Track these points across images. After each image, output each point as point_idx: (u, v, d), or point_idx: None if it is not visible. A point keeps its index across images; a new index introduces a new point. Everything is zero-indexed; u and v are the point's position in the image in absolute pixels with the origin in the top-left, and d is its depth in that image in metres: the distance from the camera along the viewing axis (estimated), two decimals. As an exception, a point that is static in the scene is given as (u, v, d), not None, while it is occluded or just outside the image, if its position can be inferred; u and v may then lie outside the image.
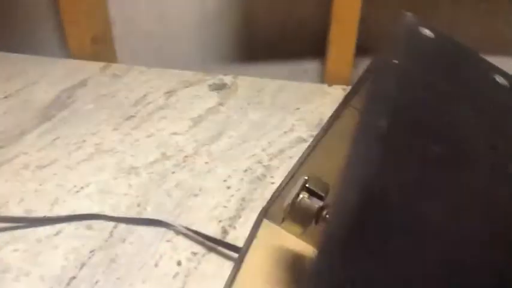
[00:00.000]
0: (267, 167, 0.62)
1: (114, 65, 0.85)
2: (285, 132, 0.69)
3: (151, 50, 0.96)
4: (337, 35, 0.81)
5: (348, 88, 0.79)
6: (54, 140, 0.66)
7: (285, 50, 0.94)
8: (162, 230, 0.51)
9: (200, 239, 0.50)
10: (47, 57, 0.87)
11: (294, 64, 0.94)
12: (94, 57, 0.87)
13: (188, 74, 0.84)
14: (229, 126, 0.70)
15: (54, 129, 0.68)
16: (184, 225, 0.51)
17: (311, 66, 0.94)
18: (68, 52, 0.90)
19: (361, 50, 0.87)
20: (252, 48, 0.95)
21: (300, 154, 0.64)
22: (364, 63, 0.91)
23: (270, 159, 0.63)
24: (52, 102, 0.74)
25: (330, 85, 0.82)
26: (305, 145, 0.66)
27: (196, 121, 0.71)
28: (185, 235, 0.51)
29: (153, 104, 0.75)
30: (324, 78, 0.86)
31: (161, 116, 0.72)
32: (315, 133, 0.68)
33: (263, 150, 0.65)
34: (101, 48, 0.90)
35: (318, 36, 0.89)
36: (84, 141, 0.65)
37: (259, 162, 0.63)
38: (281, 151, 0.65)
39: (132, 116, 0.71)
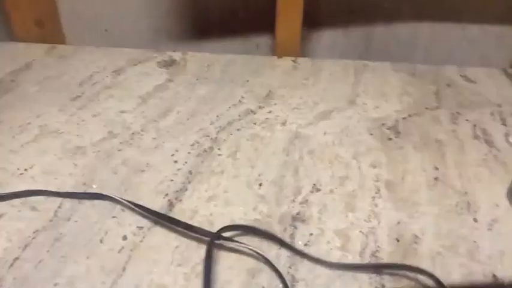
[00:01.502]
0: (214, 140, 0.62)
1: (60, 46, 0.84)
2: (234, 105, 0.69)
3: (100, 31, 0.94)
4: (284, 7, 0.80)
5: (298, 59, 0.80)
6: (-2, 124, 0.64)
7: (237, 26, 0.93)
8: (108, 207, 0.51)
9: (145, 213, 0.50)
10: (-11, 41, 0.85)
11: (246, 39, 0.94)
12: (40, 40, 0.85)
13: (137, 52, 0.83)
14: (177, 102, 0.70)
15: (-3, 113, 0.67)
16: (130, 200, 0.52)
17: (263, 40, 0.94)
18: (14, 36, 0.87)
19: (311, 20, 0.87)
20: (203, 25, 0.94)
21: (248, 126, 0.65)
22: (314, 34, 0.92)
23: (218, 132, 0.63)
24: (-5, 86, 0.72)
25: (279, 57, 0.83)
26: (253, 117, 0.67)
27: (145, 98, 0.71)
28: (131, 210, 0.51)
29: (100, 83, 0.74)
30: (275, 52, 0.87)
31: (108, 95, 0.71)
32: (263, 105, 0.69)
33: (211, 123, 0.65)
34: (47, 30, 0.88)
35: (269, 10, 0.89)
36: (29, 123, 0.64)
37: (207, 135, 0.63)
38: (229, 123, 0.65)
39: (78, 97, 0.70)
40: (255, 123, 0.65)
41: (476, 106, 0.70)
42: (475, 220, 0.51)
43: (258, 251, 0.46)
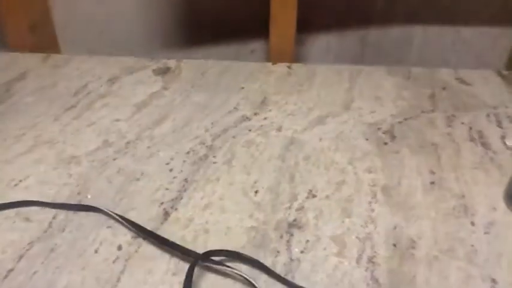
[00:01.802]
0: (210, 147, 0.62)
1: (54, 56, 0.84)
2: (229, 112, 0.69)
3: (94, 35, 0.94)
4: (277, 13, 0.81)
5: (292, 65, 0.80)
6: (-8, 134, 0.64)
7: (232, 31, 0.94)
8: (103, 217, 0.51)
9: (133, 229, 0.49)
10: (-16, 52, 0.85)
11: (241, 45, 0.94)
12: (34, 46, 0.85)
13: (131, 61, 0.83)
14: (172, 110, 0.70)
15: (-8, 124, 0.66)
16: (125, 209, 0.51)
17: (258, 46, 0.94)
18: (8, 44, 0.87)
19: (305, 24, 0.87)
20: (197, 30, 0.94)
21: (243, 132, 0.65)
22: (308, 39, 0.92)
23: (213, 140, 0.63)
24: (-11, 97, 0.72)
25: (274, 63, 0.83)
26: (248, 123, 0.67)
27: (140, 106, 0.70)
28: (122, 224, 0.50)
29: (94, 92, 0.73)
30: (269, 57, 0.87)
31: (103, 104, 0.71)
32: (258, 111, 0.69)
33: (206, 131, 0.65)
34: (41, 37, 0.88)
35: (264, 15, 0.89)
36: (23, 134, 0.64)
37: (202, 143, 0.63)
38: (224, 131, 0.65)
39: (72, 106, 0.70)
40: (250, 130, 0.65)
41: (471, 108, 0.70)
42: (472, 223, 0.51)
43: (245, 276, 0.44)
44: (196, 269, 0.44)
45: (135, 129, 0.65)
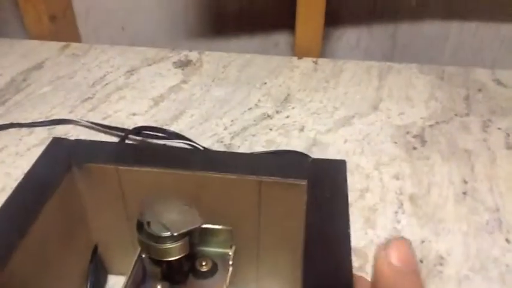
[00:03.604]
0: (228, 146, 0.59)
1: (73, 45, 0.81)
2: (250, 109, 0.66)
3: (115, 28, 0.92)
4: (305, 3, 0.77)
5: (318, 60, 0.76)
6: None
7: (256, 23, 0.90)
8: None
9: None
10: (4, 39, 0.83)
11: (265, 37, 0.91)
12: (54, 36, 0.84)
13: (152, 52, 0.80)
14: (191, 105, 0.67)
15: (7, 113, 0.65)
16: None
17: (282, 38, 0.90)
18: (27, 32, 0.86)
19: (333, 17, 0.83)
20: (221, 22, 0.91)
21: (263, 131, 0.62)
22: (336, 33, 0.88)
23: (232, 138, 0.60)
24: (6, 85, 0.71)
25: (299, 58, 0.79)
26: (270, 122, 0.63)
27: (157, 100, 0.68)
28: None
29: (112, 83, 0.71)
30: (295, 51, 0.83)
31: (120, 97, 0.68)
32: (280, 109, 0.66)
33: (225, 128, 0.62)
34: (61, 27, 0.86)
35: (289, 6, 0.85)
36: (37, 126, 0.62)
37: (220, 141, 0.60)
38: (244, 129, 0.62)
39: (89, 98, 0.68)
40: (271, 129, 0.62)
41: (509, 113, 0.65)
42: (507, 240, 0.47)
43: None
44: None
45: (151, 124, 0.63)
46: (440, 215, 0.50)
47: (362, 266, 0.44)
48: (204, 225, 0.33)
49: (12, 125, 0.62)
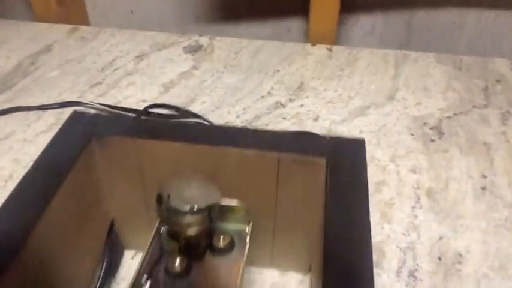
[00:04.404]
0: (240, 136, 0.57)
1: (82, 28, 0.80)
2: (262, 97, 0.64)
3: (125, 12, 0.90)
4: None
5: (333, 47, 0.74)
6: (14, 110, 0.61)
7: (268, 7, 0.88)
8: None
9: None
10: (12, 21, 0.82)
11: (277, 23, 0.89)
12: (62, 19, 0.82)
13: (162, 36, 0.78)
14: (202, 92, 0.65)
15: (14, 98, 0.63)
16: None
17: (296, 24, 0.88)
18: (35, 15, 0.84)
19: (347, 2, 0.81)
20: (231, 6, 0.89)
21: (276, 120, 0.60)
22: (350, 19, 0.86)
23: (245, 127, 0.59)
24: (14, 69, 0.69)
25: (313, 44, 0.77)
26: (283, 111, 0.62)
27: (168, 86, 0.66)
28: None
29: (121, 69, 0.70)
30: (308, 37, 0.81)
31: (130, 82, 0.67)
32: (293, 97, 0.64)
33: (237, 117, 0.61)
34: (69, 9, 0.84)
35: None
36: (45, 110, 0.61)
37: (232, 130, 0.58)
38: (257, 117, 0.60)
39: (98, 83, 0.66)
40: (284, 118, 0.60)
41: (529, 105, 0.64)
42: (528, 238, 0.46)
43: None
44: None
45: (161, 111, 0.61)
46: (459, 210, 0.48)
47: (378, 262, 0.43)
48: (222, 202, 0.33)
49: (19, 109, 0.61)
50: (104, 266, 0.40)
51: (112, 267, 0.41)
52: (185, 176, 0.32)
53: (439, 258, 0.44)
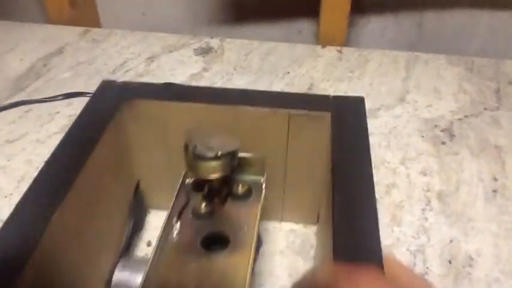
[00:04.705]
0: (250, 138, 0.58)
1: (94, 30, 0.81)
2: (272, 99, 0.64)
3: (136, 13, 0.91)
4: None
5: (343, 49, 0.74)
6: (26, 112, 0.62)
7: (278, 9, 0.88)
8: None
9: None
10: (25, 23, 0.83)
11: (288, 24, 0.89)
12: (74, 22, 0.83)
13: (173, 38, 0.79)
14: (212, 94, 0.66)
15: (27, 99, 0.64)
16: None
17: (306, 26, 0.88)
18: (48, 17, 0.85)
19: (357, 3, 0.81)
20: (242, 8, 0.89)
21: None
22: (361, 21, 0.86)
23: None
24: (27, 71, 0.70)
25: (323, 46, 0.77)
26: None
27: (178, 88, 0.67)
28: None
29: (132, 70, 0.70)
30: (318, 39, 0.81)
31: (141, 84, 0.67)
32: (303, 99, 0.64)
33: (247, 118, 0.61)
34: (82, 12, 0.85)
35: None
36: (58, 112, 0.62)
37: (242, 132, 0.59)
38: (266, 119, 0.61)
39: (109, 85, 0.67)
40: (294, 120, 0.60)
41: (542, 107, 0.63)
42: (540, 242, 0.45)
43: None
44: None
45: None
46: (470, 213, 0.48)
47: (388, 265, 0.43)
48: (240, 155, 0.38)
49: (27, 102, 0.62)
50: (131, 224, 0.44)
51: (138, 226, 0.46)
52: (208, 129, 0.38)
53: (450, 262, 0.43)
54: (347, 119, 0.39)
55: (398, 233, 0.46)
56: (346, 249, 0.29)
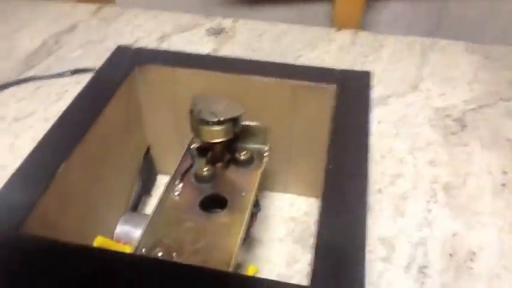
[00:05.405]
0: (257, 122, 0.57)
1: (106, 8, 0.80)
2: (282, 83, 0.64)
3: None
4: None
5: (357, 33, 0.73)
6: (36, 89, 0.62)
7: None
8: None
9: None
10: (37, 1, 0.83)
11: (303, 6, 0.87)
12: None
13: (185, 18, 0.78)
14: (222, 76, 0.65)
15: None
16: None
17: (322, 8, 0.86)
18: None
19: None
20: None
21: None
22: (378, 5, 0.84)
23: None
24: (38, 48, 0.70)
25: (338, 30, 0.75)
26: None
27: (188, 70, 0.66)
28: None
29: (143, 50, 0.70)
30: (333, 22, 0.79)
31: (150, 64, 0.67)
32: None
33: (255, 102, 0.60)
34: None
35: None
36: (66, 91, 0.62)
37: (249, 116, 0.58)
38: (274, 104, 0.60)
39: (119, 64, 0.67)
40: (302, 105, 0.60)
41: (560, 99, 0.61)
42: (546, 239, 0.44)
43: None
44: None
45: (180, 94, 0.61)
46: (476, 207, 0.47)
47: (387, 257, 0.42)
48: (244, 122, 0.39)
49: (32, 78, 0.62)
50: (139, 186, 0.47)
51: (146, 187, 0.48)
52: (213, 96, 0.39)
53: (451, 255, 0.43)
54: (351, 92, 0.40)
55: (401, 224, 0.45)
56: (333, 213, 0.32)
